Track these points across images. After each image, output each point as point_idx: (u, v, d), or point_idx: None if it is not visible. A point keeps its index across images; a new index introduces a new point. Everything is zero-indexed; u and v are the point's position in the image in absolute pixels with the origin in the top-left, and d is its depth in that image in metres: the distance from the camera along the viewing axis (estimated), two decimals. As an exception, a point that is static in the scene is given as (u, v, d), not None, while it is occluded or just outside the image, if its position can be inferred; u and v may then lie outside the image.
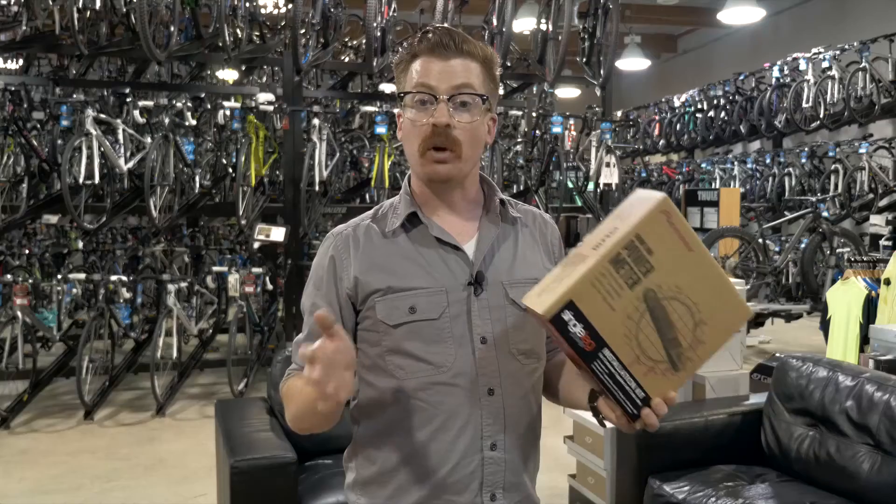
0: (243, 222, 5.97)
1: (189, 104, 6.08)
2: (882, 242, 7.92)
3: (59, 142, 5.95)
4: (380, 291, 1.30)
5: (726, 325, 1.19)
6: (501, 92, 7.56)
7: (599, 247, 1.14)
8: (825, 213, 7.40)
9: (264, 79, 8.38)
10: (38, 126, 6.25)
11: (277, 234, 5.90)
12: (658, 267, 1.13)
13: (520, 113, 8.44)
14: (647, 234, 1.12)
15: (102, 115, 5.63)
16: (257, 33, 7.07)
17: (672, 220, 1.13)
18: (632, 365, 1.15)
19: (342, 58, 8.54)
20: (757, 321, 7.06)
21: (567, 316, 1.12)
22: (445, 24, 1.35)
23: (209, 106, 6.38)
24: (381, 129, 6.23)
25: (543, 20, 6.71)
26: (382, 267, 1.31)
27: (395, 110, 1.40)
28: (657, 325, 1.15)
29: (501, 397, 1.30)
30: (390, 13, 6.49)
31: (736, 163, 10.58)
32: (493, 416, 1.30)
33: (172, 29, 5.57)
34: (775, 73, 9.38)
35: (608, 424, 1.25)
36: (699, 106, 10.99)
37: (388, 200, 1.41)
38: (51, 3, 5.88)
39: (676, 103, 11.70)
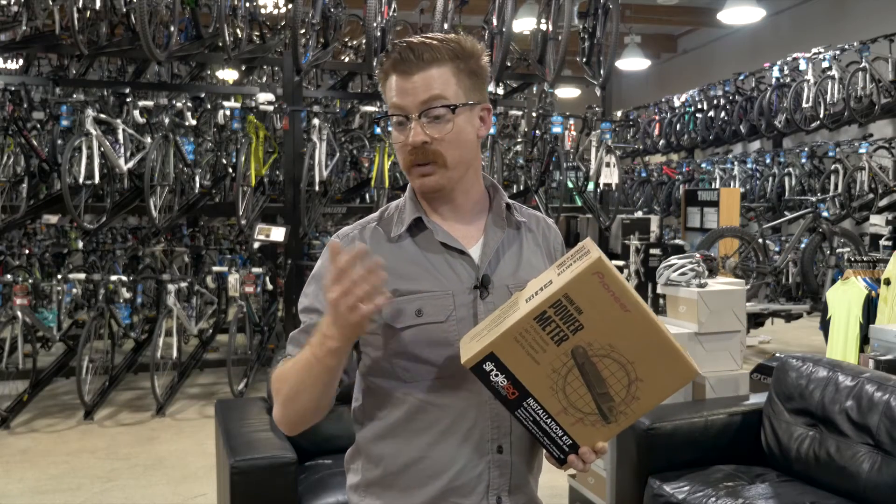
0: (243, 222, 5.97)
1: (189, 104, 6.07)
2: (882, 242, 7.91)
3: (59, 142, 5.94)
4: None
5: (666, 383, 1.17)
6: (501, 91, 7.56)
7: (532, 299, 1.15)
8: (825, 213, 7.40)
9: (264, 79, 8.38)
10: (38, 126, 6.26)
11: (277, 234, 5.90)
12: (588, 326, 1.12)
13: (520, 113, 8.43)
14: (576, 294, 1.11)
15: (102, 115, 5.63)
16: (257, 33, 7.07)
17: (605, 281, 1.11)
18: (558, 415, 1.17)
19: (342, 58, 8.55)
20: (757, 321, 7.06)
21: (488, 367, 1.14)
22: (416, 36, 1.32)
23: (209, 106, 6.37)
24: (380, 129, 6.24)
25: (543, 20, 6.71)
26: (389, 271, 1.29)
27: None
28: (586, 380, 1.15)
29: None
30: (390, 13, 6.48)
31: (736, 163, 10.58)
32: (500, 418, 1.30)
33: (172, 29, 5.56)
34: (775, 73, 9.38)
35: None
36: (699, 106, 10.99)
37: (394, 202, 1.41)
38: (51, 3, 5.88)
39: (676, 103, 11.70)
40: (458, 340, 1.28)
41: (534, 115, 7.66)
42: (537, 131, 7.34)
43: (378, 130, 6.26)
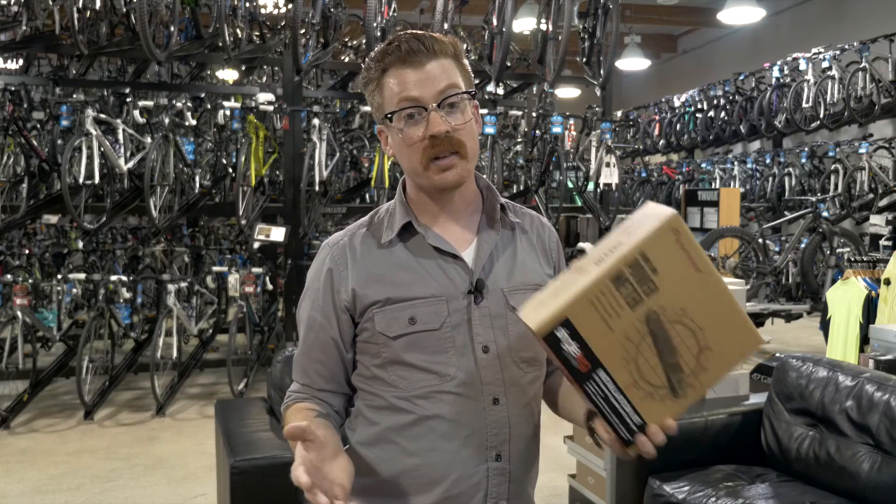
0: (243, 222, 5.97)
1: (189, 104, 6.08)
2: (882, 242, 7.92)
3: (59, 142, 5.94)
4: (378, 303, 1.27)
5: (733, 352, 1.11)
6: (501, 91, 7.57)
7: (602, 262, 1.07)
8: (825, 213, 7.40)
9: (264, 79, 8.39)
10: (38, 126, 6.26)
11: (277, 234, 5.90)
12: (662, 288, 1.06)
13: (520, 113, 8.44)
14: (652, 252, 1.05)
15: (102, 115, 5.63)
16: (257, 33, 7.07)
17: (681, 239, 1.06)
18: (628, 388, 1.09)
19: (342, 58, 8.55)
20: (757, 321, 7.06)
21: (561, 334, 1.06)
22: (412, 30, 1.31)
23: (209, 106, 6.38)
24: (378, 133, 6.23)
25: (543, 20, 6.71)
26: (380, 278, 1.29)
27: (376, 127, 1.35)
28: (658, 349, 1.08)
29: (506, 406, 1.28)
30: (390, 13, 6.48)
31: (736, 163, 10.58)
32: (499, 425, 1.28)
33: (172, 29, 5.57)
34: (775, 73, 9.38)
35: (604, 446, 1.21)
36: (699, 106, 10.99)
37: (384, 206, 1.38)
38: (51, 3, 5.88)
39: (676, 103, 11.70)
40: (453, 348, 1.26)
41: (534, 115, 7.67)
42: (537, 131, 7.34)
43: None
